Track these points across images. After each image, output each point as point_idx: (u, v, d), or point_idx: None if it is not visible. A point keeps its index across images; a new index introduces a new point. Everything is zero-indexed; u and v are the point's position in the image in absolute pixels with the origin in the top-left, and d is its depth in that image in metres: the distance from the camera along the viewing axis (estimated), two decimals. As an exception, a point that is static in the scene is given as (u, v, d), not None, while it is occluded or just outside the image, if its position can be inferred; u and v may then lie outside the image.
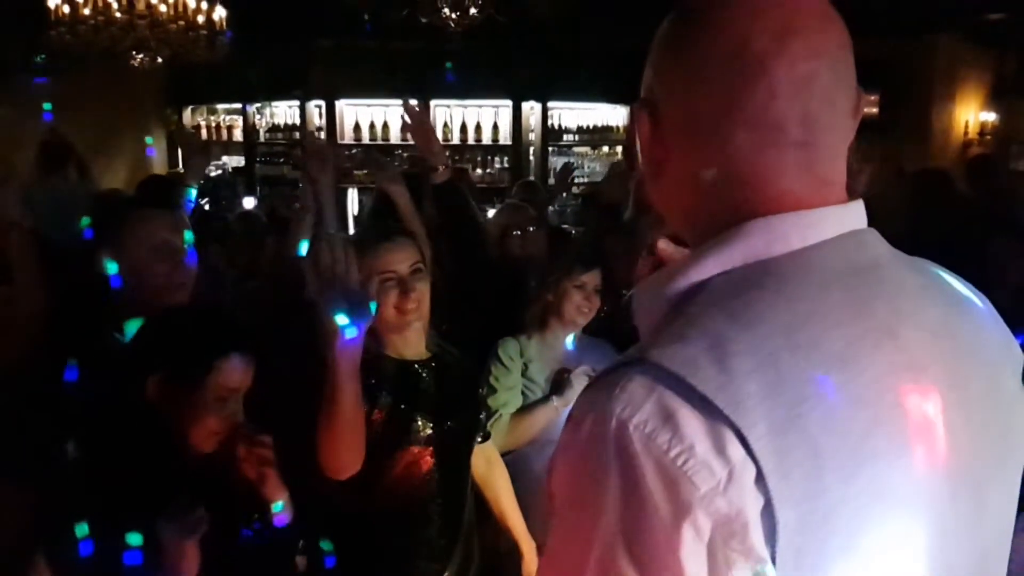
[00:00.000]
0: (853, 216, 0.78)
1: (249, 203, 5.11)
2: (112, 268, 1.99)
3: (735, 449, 0.64)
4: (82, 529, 1.45)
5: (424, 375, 1.98)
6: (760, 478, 0.63)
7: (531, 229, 3.08)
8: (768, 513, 0.64)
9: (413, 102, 2.74)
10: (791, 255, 0.73)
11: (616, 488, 0.66)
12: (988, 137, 8.17)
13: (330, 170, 2.47)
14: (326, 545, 1.86)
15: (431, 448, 1.91)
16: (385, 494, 1.87)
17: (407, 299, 1.91)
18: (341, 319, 1.59)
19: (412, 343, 2.00)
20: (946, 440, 0.71)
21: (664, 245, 0.84)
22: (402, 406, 1.89)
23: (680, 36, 0.78)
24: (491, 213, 4.17)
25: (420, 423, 1.90)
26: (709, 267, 0.74)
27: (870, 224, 0.79)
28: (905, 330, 0.73)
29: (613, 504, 0.66)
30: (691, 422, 0.64)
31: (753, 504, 0.64)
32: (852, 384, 0.68)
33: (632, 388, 0.67)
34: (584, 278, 2.52)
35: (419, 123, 2.72)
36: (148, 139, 7.38)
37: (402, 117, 2.75)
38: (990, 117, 8.24)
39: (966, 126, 8.18)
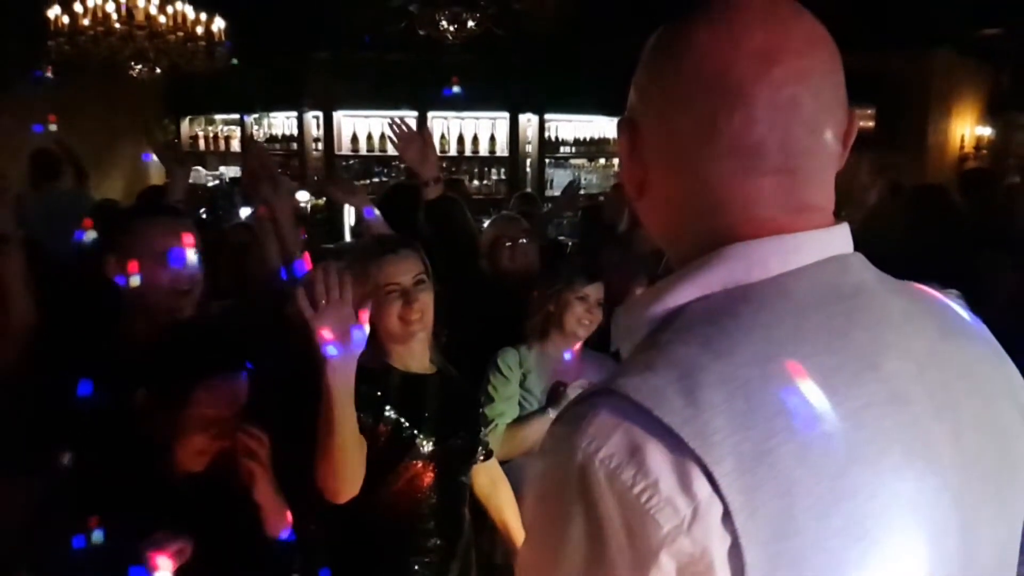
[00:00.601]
0: (837, 240, 0.74)
1: (246, 213, 5.10)
2: (116, 273, 1.97)
3: (701, 485, 0.61)
4: (69, 544, 1.43)
5: (429, 389, 1.98)
6: (727, 516, 0.60)
7: (522, 241, 3.01)
8: (735, 553, 0.61)
9: (398, 115, 2.69)
10: (770, 281, 0.70)
11: (580, 526, 0.64)
12: (984, 151, 8.20)
13: (283, 189, 2.22)
14: (324, 562, 1.85)
15: (433, 463, 1.91)
16: (385, 507, 1.86)
17: (410, 309, 1.92)
18: (332, 349, 1.58)
19: (417, 355, 2.00)
20: (931, 475, 0.67)
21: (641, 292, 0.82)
22: (406, 420, 1.89)
23: (662, 56, 0.76)
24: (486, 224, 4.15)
25: (423, 438, 1.90)
26: (687, 292, 0.72)
27: (866, 237, 0.77)
28: (888, 361, 0.69)
29: (577, 542, 0.64)
30: (657, 457, 0.62)
31: (719, 544, 0.61)
32: (828, 417, 0.64)
33: (599, 421, 0.64)
34: (587, 290, 2.49)
35: (409, 139, 2.68)
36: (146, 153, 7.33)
37: (389, 139, 2.71)
38: (986, 131, 8.27)
39: (962, 140, 8.21)
